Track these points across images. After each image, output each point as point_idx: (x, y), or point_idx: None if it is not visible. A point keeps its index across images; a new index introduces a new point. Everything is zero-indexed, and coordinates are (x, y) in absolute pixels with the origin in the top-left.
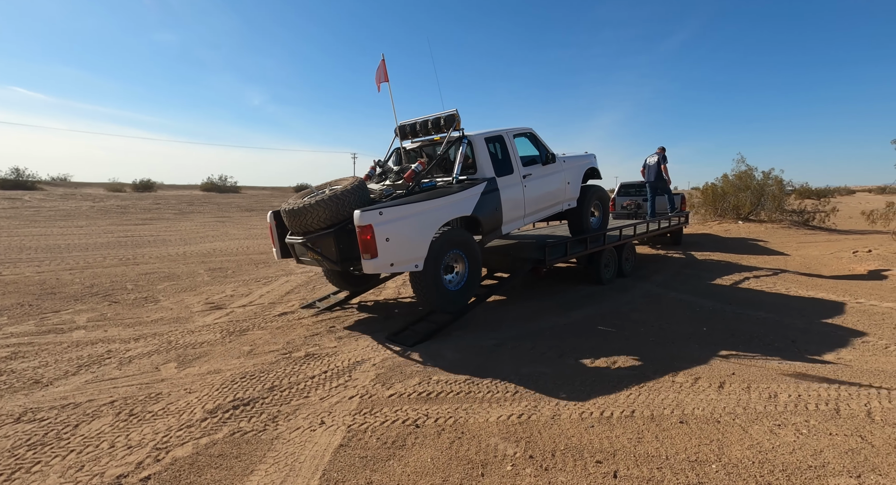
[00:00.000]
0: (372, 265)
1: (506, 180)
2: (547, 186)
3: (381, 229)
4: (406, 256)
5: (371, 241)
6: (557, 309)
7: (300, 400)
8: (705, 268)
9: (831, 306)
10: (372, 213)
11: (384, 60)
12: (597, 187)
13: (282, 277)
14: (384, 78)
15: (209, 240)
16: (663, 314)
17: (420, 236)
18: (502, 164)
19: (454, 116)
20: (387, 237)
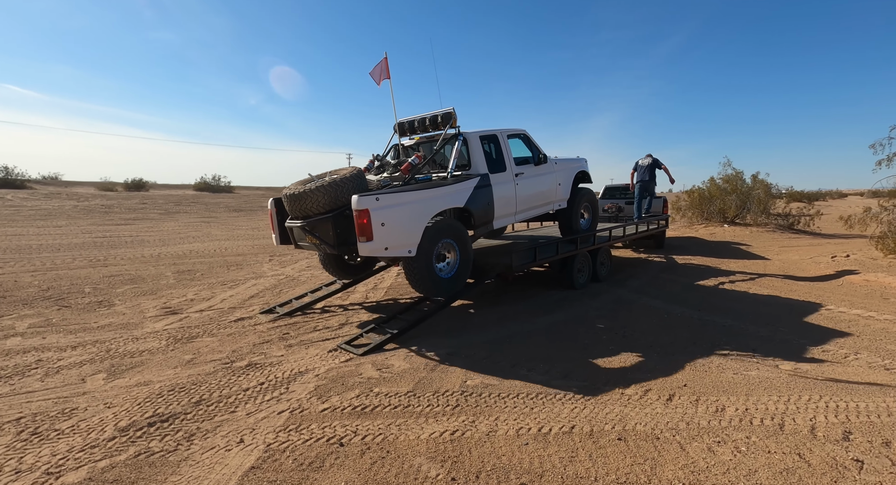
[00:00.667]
0: (367, 248)
1: (498, 177)
2: (538, 186)
3: (377, 214)
4: (400, 241)
5: (367, 225)
6: (524, 315)
7: (225, 415)
8: (683, 272)
9: (800, 313)
10: (369, 198)
11: (386, 58)
12: (587, 190)
13: (250, 280)
14: (386, 75)
15: (188, 241)
16: (630, 321)
17: (414, 223)
18: (496, 161)
19: (451, 114)
20: (382, 222)
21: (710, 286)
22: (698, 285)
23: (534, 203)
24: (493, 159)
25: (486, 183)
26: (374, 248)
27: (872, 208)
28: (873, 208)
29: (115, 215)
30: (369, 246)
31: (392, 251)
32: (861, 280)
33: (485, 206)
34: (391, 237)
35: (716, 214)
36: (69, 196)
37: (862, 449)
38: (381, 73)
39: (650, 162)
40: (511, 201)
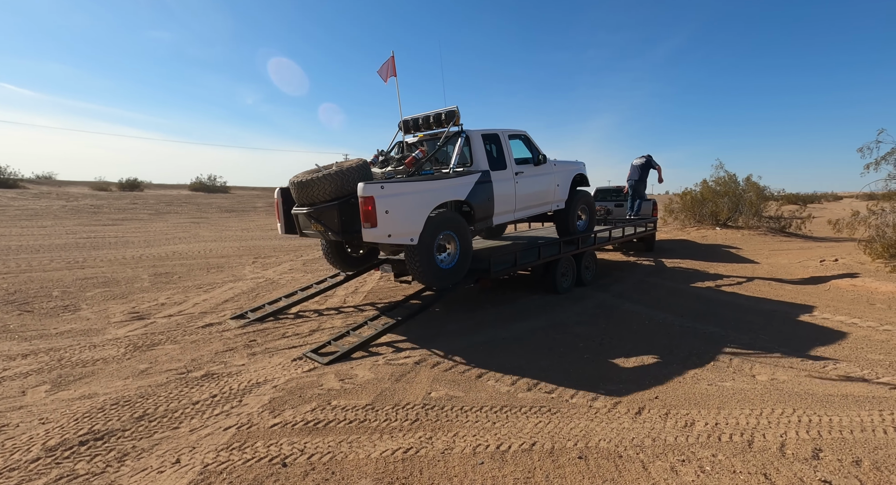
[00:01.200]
0: (371, 234)
1: (499, 175)
2: (537, 186)
3: (381, 202)
4: (403, 229)
5: (372, 211)
6: (501, 321)
7: (166, 432)
8: (670, 276)
9: (783, 320)
10: (374, 186)
11: (393, 57)
12: (584, 192)
13: (228, 283)
14: (392, 73)
15: (174, 242)
16: (609, 328)
17: (417, 213)
18: (496, 159)
19: (454, 112)
20: (386, 209)
21: (695, 291)
22: (683, 290)
23: (532, 202)
24: (494, 157)
25: (486, 179)
26: (377, 234)
27: (861, 212)
28: (861, 212)
29: (103, 216)
30: (373, 232)
31: (395, 238)
32: (848, 285)
33: (485, 201)
34: (394, 225)
35: (708, 217)
36: (59, 196)
37: (831, 468)
38: (387, 71)
39: (643, 162)
40: (510, 199)
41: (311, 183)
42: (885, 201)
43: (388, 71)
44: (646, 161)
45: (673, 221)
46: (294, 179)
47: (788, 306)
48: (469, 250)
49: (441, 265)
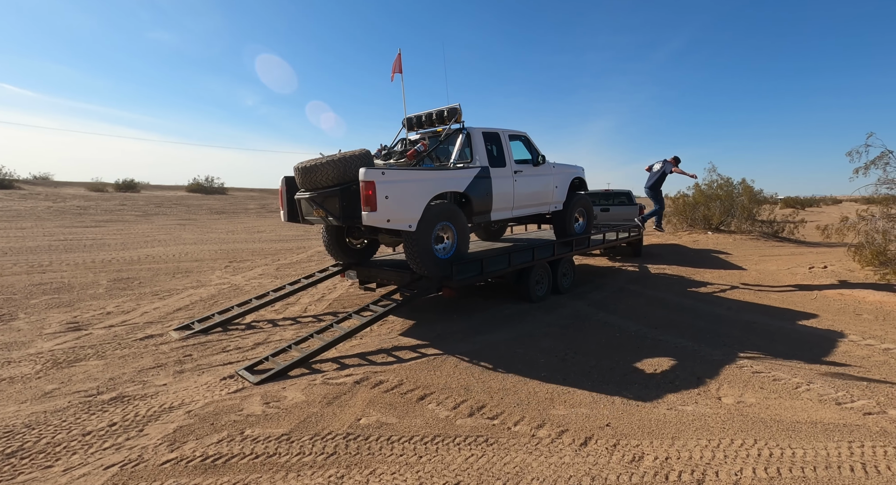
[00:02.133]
0: (371, 218)
1: (498, 171)
2: (536, 186)
3: (382, 187)
4: (402, 215)
5: (372, 196)
6: (465, 332)
7: (34, 473)
8: (652, 284)
9: (762, 333)
10: (376, 171)
11: (400, 55)
12: (582, 196)
13: (189, 289)
14: (398, 70)
15: (152, 245)
16: (577, 341)
17: (416, 200)
18: (496, 157)
19: (456, 110)
20: (386, 195)
21: (674, 300)
22: (662, 299)
23: (530, 201)
24: (494, 155)
25: (485, 175)
26: (376, 218)
27: (850, 218)
28: (850, 218)
29: (88, 217)
30: (373, 216)
31: (393, 224)
32: (835, 294)
33: (483, 195)
34: (393, 210)
35: (700, 221)
36: (47, 197)
37: None
38: (394, 69)
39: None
40: (509, 196)
41: (315, 168)
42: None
43: (395, 69)
44: (661, 167)
45: (665, 224)
46: (299, 164)
47: (769, 318)
48: (466, 242)
49: (438, 254)
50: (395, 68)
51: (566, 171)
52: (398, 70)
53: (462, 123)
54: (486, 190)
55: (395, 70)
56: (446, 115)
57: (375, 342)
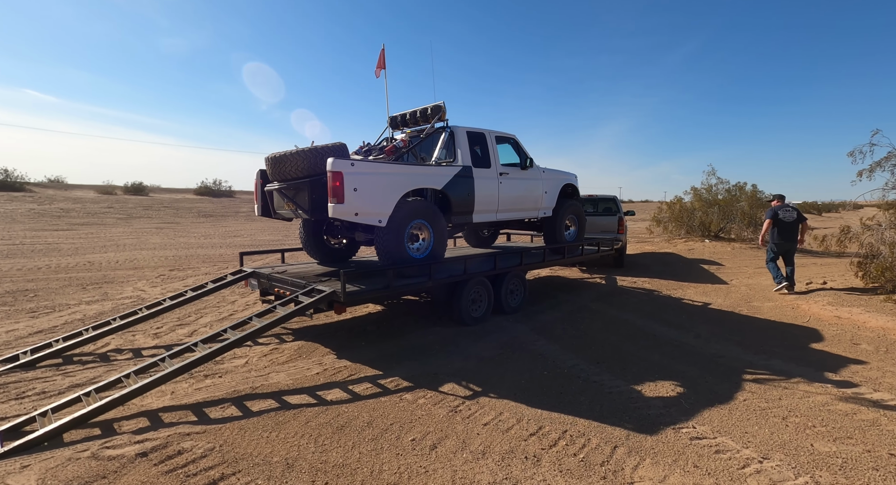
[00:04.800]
0: (337, 210)
1: (482, 172)
2: (522, 189)
3: (350, 178)
4: (371, 209)
5: (340, 187)
6: (358, 368)
7: None
8: (619, 302)
9: (725, 372)
10: (344, 162)
11: (384, 50)
12: (573, 202)
13: (84, 304)
14: (381, 65)
15: (105, 250)
16: (490, 381)
17: (387, 194)
18: (481, 158)
19: (440, 107)
20: (355, 187)
21: (636, 323)
22: (624, 321)
23: (517, 205)
24: (479, 155)
25: (467, 174)
26: (343, 211)
27: (852, 227)
28: (853, 227)
29: (64, 220)
30: (339, 208)
31: (362, 218)
32: (832, 317)
33: (464, 195)
34: (362, 203)
35: (697, 228)
36: (34, 199)
37: None
38: (378, 65)
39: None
40: (493, 198)
41: (285, 159)
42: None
43: (379, 64)
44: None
45: (663, 231)
46: (270, 155)
47: (742, 350)
48: (443, 242)
49: (412, 253)
50: (379, 64)
51: (557, 176)
52: (382, 66)
53: (446, 121)
54: (468, 190)
55: (379, 66)
56: (430, 113)
57: (234, 382)
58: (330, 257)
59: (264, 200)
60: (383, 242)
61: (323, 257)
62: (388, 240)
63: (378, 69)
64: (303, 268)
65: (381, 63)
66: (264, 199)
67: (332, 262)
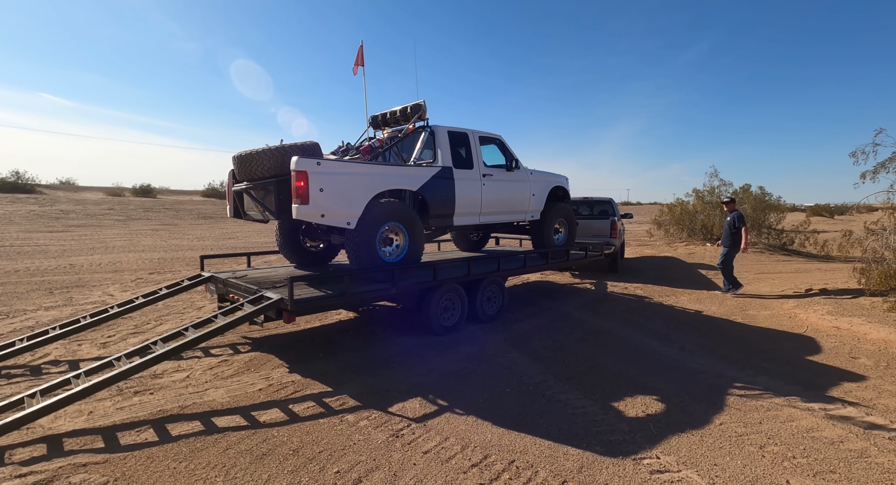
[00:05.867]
0: (301, 212)
1: (464, 173)
2: (508, 192)
3: (315, 178)
4: (338, 210)
5: (304, 187)
6: (306, 384)
7: None
8: (606, 310)
9: (704, 391)
10: (309, 161)
11: (362, 47)
12: (563, 205)
13: (40, 310)
14: (360, 62)
15: (96, 251)
16: (448, 398)
17: (356, 195)
18: (463, 158)
19: (420, 106)
20: (321, 187)
21: (619, 333)
22: (607, 331)
23: (501, 208)
24: (461, 156)
25: (447, 175)
26: (308, 212)
27: (855, 231)
28: (856, 231)
29: (62, 222)
30: (304, 210)
31: (329, 219)
32: (830, 327)
33: (443, 197)
34: (329, 205)
35: (699, 231)
36: (37, 201)
37: None
38: (356, 62)
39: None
40: (475, 201)
41: (251, 158)
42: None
43: (357, 61)
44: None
45: (664, 235)
46: (236, 154)
47: (727, 364)
48: (419, 246)
49: (384, 257)
50: (357, 61)
51: (545, 178)
52: (360, 63)
53: (426, 120)
54: (447, 192)
55: (357, 63)
56: (409, 112)
57: (164, 400)
58: (308, 261)
59: (235, 202)
60: (353, 246)
61: (300, 261)
62: (358, 243)
63: (356, 66)
64: (269, 272)
65: (360, 60)
66: (235, 200)
67: (310, 265)
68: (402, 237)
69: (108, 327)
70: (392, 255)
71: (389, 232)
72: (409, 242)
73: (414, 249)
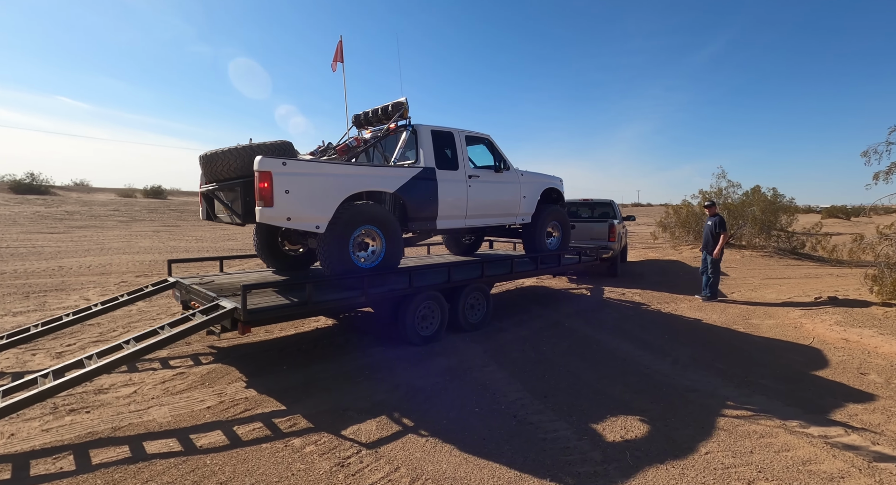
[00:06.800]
0: (266, 215)
1: (447, 174)
2: (496, 194)
3: (280, 179)
4: (306, 213)
5: (268, 189)
6: (259, 401)
7: None
8: (599, 318)
9: (696, 414)
10: (274, 161)
11: (341, 42)
12: (555, 208)
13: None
14: (339, 58)
15: (91, 253)
16: (409, 419)
17: (326, 197)
18: (448, 159)
19: (402, 104)
20: (286, 189)
21: (609, 345)
22: (596, 341)
23: (489, 211)
24: (445, 156)
25: (429, 177)
26: (273, 215)
27: (867, 236)
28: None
29: (65, 223)
30: (268, 213)
31: (296, 223)
32: (838, 339)
33: (424, 199)
34: (295, 207)
35: None
36: (44, 202)
37: None
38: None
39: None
40: (460, 203)
41: (217, 157)
42: None
43: (336, 58)
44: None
45: (670, 237)
46: (202, 153)
47: (722, 380)
48: (398, 251)
49: (358, 263)
50: (336, 57)
51: (537, 180)
52: (339, 59)
53: (408, 118)
54: (429, 194)
55: (336, 59)
56: (391, 111)
57: (98, 420)
58: (288, 265)
59: (206, 204)
60: (324, 251)
61: (279, 265)
62: (329, 248)
63: (334, 62)
64: (239, 277)
65: (339, 56)
66: (206, 202)
67: (290, 270)
68: (378, 242)
69: (70, 335)
70: (367, 260)
71: (365, 236)
72: (385, 247)
73: (391, 254)
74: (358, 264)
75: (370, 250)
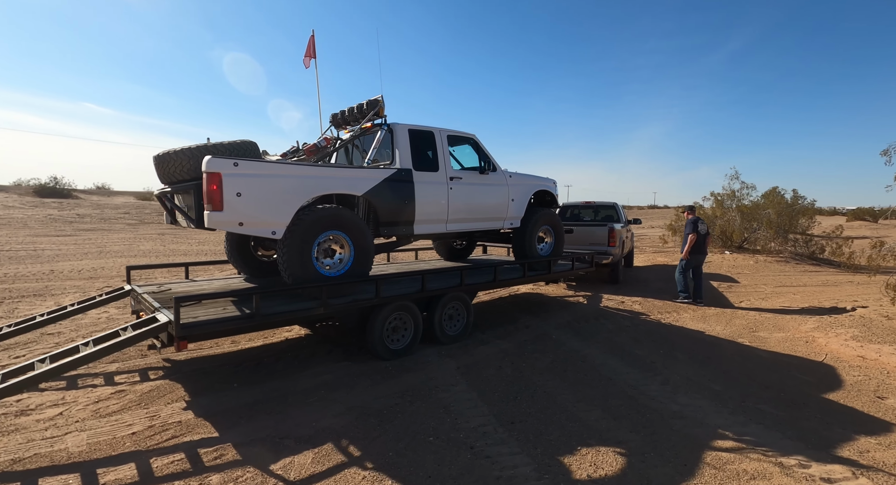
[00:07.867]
0: (215, 219)
1: (426, 176)
2: (482, 197)
3: (231, 181)
4: (260, 218)
5: (217, 192)
6: (193, 426)
7: None
8: (591, 330)
9: (678, 444)
10: (224, 161)
11: (313, 37)
12: (546, 211)
13: None
14: (311, 54)
15: (89, 256)
16: (352, 449)
17: (283, 200)
18: (427, 160)
19: (377, 101)
20: (238, 192)
21: (596, 361)
22: (583, 357)
23: (473, 215)
24: (424, 157)
25: (405, 178)
26: (223, 220)
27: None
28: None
29: (74, 226)
30: (217, 217)
31: (249, 228)
32: (854, 356)
33: (397, 202)
34: (248, 211)
35: (717, 238)
36: (58, 205)
37: None
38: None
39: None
40: (440, 207)
41: (169, 158)
42: None
43: (308, 53)
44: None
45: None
46: (155, 154)
47: (716, 405)
48: (367, 258)
49: (322, 271)
50: (308, 53)
51: (527, 182)
52: (312, 55)
53: (384, 117)
54: (404, 197)
55: (308, 55)
56: (366, 109)
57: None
58: (261, 271)
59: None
60: (283, 258)
61: (251, 271)
62: (288, 255)
63: (307, 58)
64: (200, 285)
65: (311, 52)
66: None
67: (264, 276)
68: (346, 249)
69: (23, 347)
70: (333, 268)
71: (332, 242)
72: (354, 254)
73: (360, 261)
74: (322, 272)
75: (336, 258)
